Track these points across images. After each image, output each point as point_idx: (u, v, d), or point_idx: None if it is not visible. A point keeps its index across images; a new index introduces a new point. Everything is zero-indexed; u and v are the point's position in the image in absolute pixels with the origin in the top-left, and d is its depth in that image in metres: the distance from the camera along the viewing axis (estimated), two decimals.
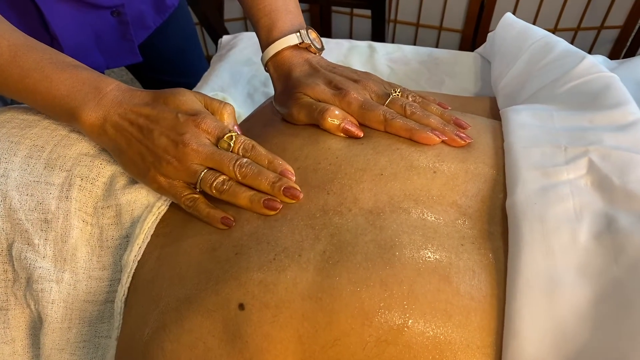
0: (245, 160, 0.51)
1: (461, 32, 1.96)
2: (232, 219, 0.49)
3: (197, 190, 0.52)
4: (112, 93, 0.54)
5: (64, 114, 0.54)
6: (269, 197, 0.49)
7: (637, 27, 1.89)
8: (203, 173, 0.50)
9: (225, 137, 0.52)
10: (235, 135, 0.52)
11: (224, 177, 0.50)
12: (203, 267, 0.47)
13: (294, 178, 0.51)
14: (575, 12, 1.88)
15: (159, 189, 0.53)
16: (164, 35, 1.05)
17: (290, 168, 0.51)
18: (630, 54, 1.94)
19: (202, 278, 0.46)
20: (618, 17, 1.88)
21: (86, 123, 0.53)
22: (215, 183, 0.50)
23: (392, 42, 2.09)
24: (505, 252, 0.45)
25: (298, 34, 0.63)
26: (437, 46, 2.05)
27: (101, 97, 0.53)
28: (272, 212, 0.48)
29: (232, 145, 0.52)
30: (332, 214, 0.47)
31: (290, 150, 0.55)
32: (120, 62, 0.97)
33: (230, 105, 0.57)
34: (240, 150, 0.52)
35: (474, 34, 1.94)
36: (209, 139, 0.52)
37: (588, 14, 1.88)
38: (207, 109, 0.55)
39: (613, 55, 1.96)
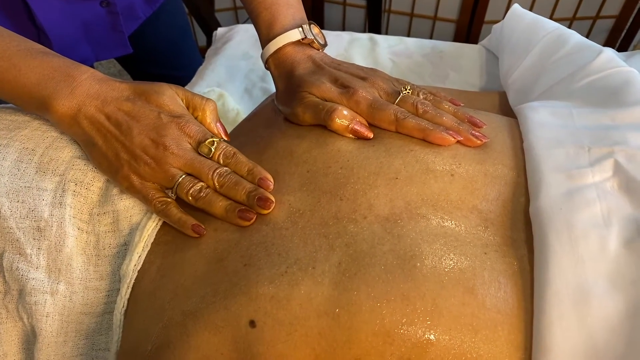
0: (224, 169, 0.50)
1: (456, 22, 1.93)
2: (203, 227, 0.48)
3: (172, 195, 0.50)
4: (87, 82, 0.51)
5: (34, 104, 0.51)
6: (244, 207, 0.48)
7: (632, 16, 1.88)
8: (181, 178, 0.49)
9: (206, 141, 0.51)
10: (217, 141, 0.51)
11: (202, 184, 0.49)
12: (209, 278, 0.44)
13: (272, 187, 0.49)
14: (570, 2, 1.86)
15: (129, 188, 0.50)
16: (154, 27, 1.03)
17: (269, 177, 0.50)
18: (626, 43, 1.94)
19: (208, 291, 0.43)
20: (613, 6, 1.87)
21: (57, 113, 0.50)
22: (192, 190, 0.49)
23: (386, 32, 2.06)
24: (530, 260, 0.43)
25: (300, 29, 0.60)
26: (431, 36, 2.03)
27: (75, 86, 0.50)
28: (246, 223, 0.47)
29: (212, 150, 0.50)
30: (346, 221, 0.45)
31: (297, 153, 0.52)
32: (110, 54, 0.94)
33: (213, 101, 0.55)
34: (220, 157, 0.51)
35: (469, 24, 1.91)
36: (190, 144, 0.51)
37: (583, 4, 1.86)
38: (189, 105, 0.54)
39: (608, 45, 1.94)
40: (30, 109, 0.53)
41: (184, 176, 0.49)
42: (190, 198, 0.49)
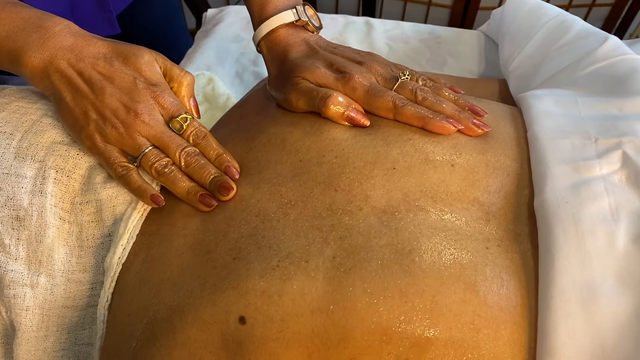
0: (192, 149, 0.49)
1: (450, 7, 1.90)
2: (163, 198, 0.48)
3: (135, 164, 0.49)
4: (60, 34, 0.49)
5: (6, 58, 0.50)
6: (206, 192, 0.47)
7: (628, 5, 1.86)
8: (148, 149, 0.48)
9: (179, 117, 0.50)
10: (190, 118, 0.50)
11: (168, 160, 0.49)
12: (197, 272, 0.42)
13: (237, 176, 0.49)
14: None
15: (91, 148, 0.49)
16: (144, 6, 1.00)
17: (236, 165, 0.49)
18: (621, 32, 1.92)
19: (196, 285, 0.41)
20: None
21: (28, 66, 0.49)
22: (157, 164, 0.48)
23: (380, 17, 2.03)
24: (533, 255, 0.41)
25: (294, 10, 0.58)
26: (425, 22, 2.00)
27: (47, 38, 0.48)
28: (206, 209, 0.47)
29: (184, 127, 0.50)
30: (341, 213, 0.43)
31: (290, 142, 0.50)
32: (97, 35, 0.90)
33: (191, 75, 0.54)
34: (191, 136, 0.50)
35: (463, 10, 1.89)
36: (162, 115, 0.50)
37: None
38: (166, 75, 0.53)
39: None
40: (3, 64, 0.51)
41: (150, 148, 0.48)
42: (153, 172, 0.48)
